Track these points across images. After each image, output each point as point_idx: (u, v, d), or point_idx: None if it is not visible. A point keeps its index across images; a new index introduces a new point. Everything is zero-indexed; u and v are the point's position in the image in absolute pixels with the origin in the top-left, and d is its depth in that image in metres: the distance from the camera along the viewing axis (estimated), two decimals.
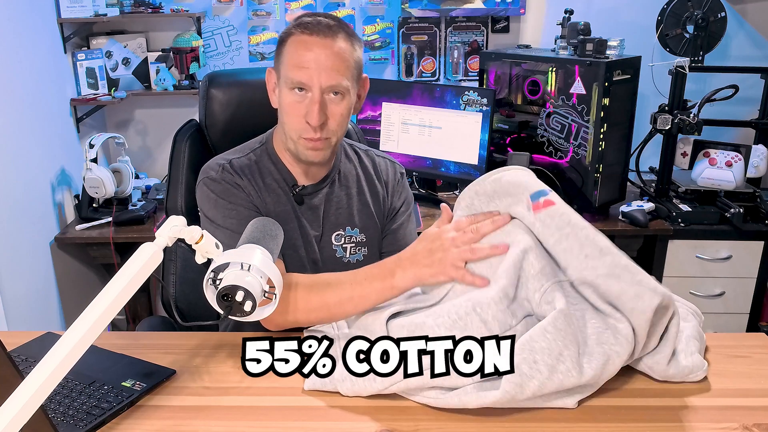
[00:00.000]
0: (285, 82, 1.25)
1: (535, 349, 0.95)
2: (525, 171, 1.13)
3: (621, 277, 0.99)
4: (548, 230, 1.04)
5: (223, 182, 1.30)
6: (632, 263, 1.01)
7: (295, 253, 1.35)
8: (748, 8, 2.78)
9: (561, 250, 1.03)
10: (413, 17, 2.82)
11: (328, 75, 1.21)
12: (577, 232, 1.02)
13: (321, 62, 1.20)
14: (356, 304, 1.14)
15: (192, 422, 1.00)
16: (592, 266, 1.00)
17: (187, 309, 1.56)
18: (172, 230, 0.91)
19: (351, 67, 1.24)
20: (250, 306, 0.92)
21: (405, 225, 1.47)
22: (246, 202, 1.30)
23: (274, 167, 1.36)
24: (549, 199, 1.06)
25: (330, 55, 1.21)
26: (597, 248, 1.01)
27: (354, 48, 1.25)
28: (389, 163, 1.49)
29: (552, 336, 0.96)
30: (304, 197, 1.36)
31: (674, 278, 2.46)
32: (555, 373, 0.96)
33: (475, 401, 0.97)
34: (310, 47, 1.21)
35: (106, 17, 2.61)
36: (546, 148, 2.45)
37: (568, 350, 0.96)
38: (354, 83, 1.27)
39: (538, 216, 1.05)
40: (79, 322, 0.78)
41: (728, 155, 2.46)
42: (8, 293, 2.16)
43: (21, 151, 2.28)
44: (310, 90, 1.22)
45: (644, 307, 0.98)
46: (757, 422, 0.98)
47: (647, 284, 0.99)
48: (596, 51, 2.27)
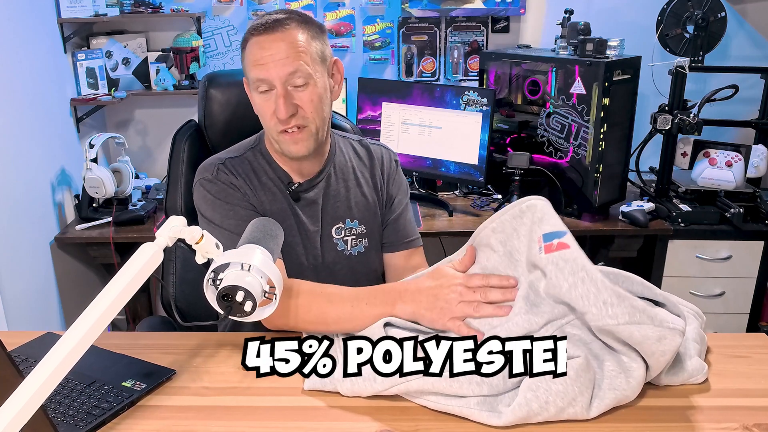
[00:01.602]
0: (252, 85, 1.27)
1: (551, 390, 0.95)
2: (543, 204, 1.09)
3: (642, 322, 0.95)
4: (562, 274, 0.99)
5: (219, 182, 1.31)
6: (642, 303, 0.98)
7: (292, 251, 1.35)
8: (748, 8, 2.78)
9: (577, 296, 0.98)
10: (413, 17, 2.82)
11: (284, 64, 1.22)
12: (592, 276, 0.98)
13: (276, 56, 1.22)
14: (354, 324, 1.14)
15: (192, 422, 1.00)
16: (612, 314, 0.96)
17: (187, 309, 1.56)
18: (173, 230, 0.91)
19: (309, 52, 1.24)
20: (250, 306, 0.92)
21: (404, 214, 1.48)
22: (243, 202, 1.31)
23: (269, 166, 1.36)
24: (563, 242, 1.02)
25: (283, 46, 1.22)
26: (615, 294, 0.97)
27: (310, 34, 1.26)
28: (384, 150, 1.49)
29: (570, 381, 0.95)
30: (300, 194, 1.36)
31: (674, 278, 2.46)
32: (563, 413, 0.96)
33: (477, 417, 0.97)
34: (264, 45, 1.23)
35: (106, 17, 2.61)
36: (546, 148, 2.45)
37: (582, 396, 0.96)
38: (317, 67, 1.26)
39: (551, 258, 1.01)
40: (79, 322, 0.78)
41: (728, 155, 2.46)
42: (8, 293, 2.16)
43: (21, 151, 2.28)
44: (272, 86, 1.24)
45: (665, 349, 0.97)
46: (758, 422, 0.98)
47: (666, 323, 0.97)
48: (596, 51, 2.27)
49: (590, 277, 0.98)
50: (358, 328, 1.14)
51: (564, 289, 0.99)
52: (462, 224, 2.42)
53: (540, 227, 1.05)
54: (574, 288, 0.98)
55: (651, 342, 0.96)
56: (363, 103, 2.63)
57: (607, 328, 0.97)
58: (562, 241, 1.02)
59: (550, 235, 1.03)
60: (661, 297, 1.06)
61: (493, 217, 1.12)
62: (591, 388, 0.97)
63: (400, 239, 1.47)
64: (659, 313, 0.97)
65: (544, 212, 1.07)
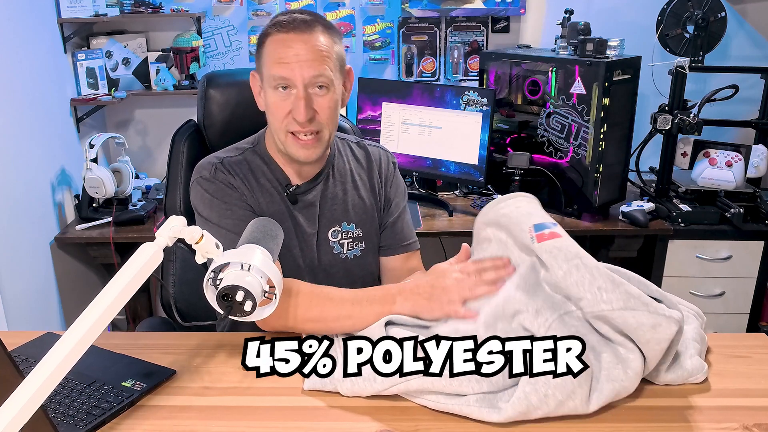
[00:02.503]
0: (268, 82, 1.25)
1: (550, 383, 0.95)
2: (529, 200, 1.12)
3: (636, 308, 0.97)
4: (556, 262, 1.01)
5: (217, 182, 1.31)
6: (638, 290, 0.99)
7: (289, 253, 1.35)
8: (748, 8, 2.78)
9: (572, 283, 0.99)
10: (413, 17, 2.82)
11: (310, 66, 1.21)
12: (586, 262, 1.00)
13: (301, 56, 1.21)
14: (354, 323, 1.15)
15: (192, 422, 1.01)
16: (606, 300, 0.97)
17: (186, 309, 1.56)
18: (172, 230, 0.91)
19: (332, 58, 1.24)
20: (250, 306, 0.92)
21: (402, 217, 1.47)
22: (240, 202, 1.31)
23: (267, 167, 1.36)
24: (554, 232, 1.04)
25: (309, 48, 1.21)
26: (609, 280, 0.98)
27: (333, 40, 1.26)
28: (382, 152, 1.49)
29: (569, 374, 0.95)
30: (297, 196, 1.36)
31: (674, 278, 2.46)
32: (562, 407, 0.96)
33: (476, 414, 0.97)
34: (289, 44, 1.21)
35: (106, 17, 2.61)
36: (546, 148, 2.45)
37: (581, 389, 0.96)
38: (337, 74, 1.27)
39: (544, 246, 1.03)
40: (79, 322, 0.78)
41: (728, 155, 2.46)
42: (8, 293, 2.16)
43: (21, 151, 2.28)
44: (294, 86, 1.23)
45: (660, 337, 0.97)
46: (758, 422, 0.98)
47: (662, 312, 0.97)
48: (596, 51, 2.27)
49: (585, 264, 0.99)
50: (358, 327, 1.14)
51: (559, 276, 1.00)
52: (462, 224, 2.42)
53: (529, 219, 1.07)
54: (568, 275, 0.99)
55: (646, 329, 0.97)
56: (363, 103, 2.63)
57: (602, 314, 0.98)
58: (552, 231, 1.05)
59: (541, 226, 1.05)
60: (659, 295, 1.07)
61: (485, 212, 1.15)
62: (589, 380, 0.97)
63: (397, 242, 1.46)
64: (656, 304, 0.98)
65: (531, 207, 1.10)
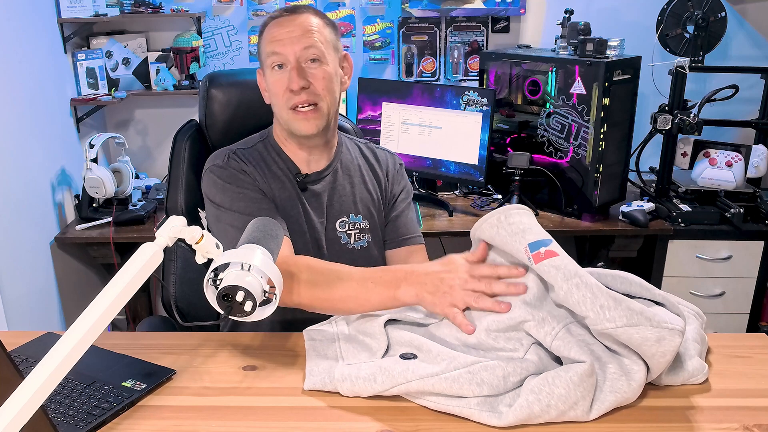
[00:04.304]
0: (266, 64, 1.34)
1: (553, 394, 0.94)
2: (525, 214, 1.08)
3: (640, 324, 0.95)
4: (555, 282, 0.99)
5: (230, 168, 1.35)
6: (639, 305, 0.97)
7: (300, 239, 1.38)
8: (748, 8, 2.78)
9: (574, 303, 0.98)
10: (413, 17, 2.82)
11: (299, 41, 1.30)
12: (586, 281, 0.98)
13: (293, 34, 1.31)
14: (359, 303, 1.15)
15: (192, 422, 1.00)
16: (610, 318, 0.96)
17: (187, 309, 1.56)
18: (173, 230, 0.91)
19: (323, 35, 1.33)
20: (250, 306, 0.92)
21: (405, 212, 1.51)
22: (253, 187, 1.34)
23: (278, 156, 1.41)
24: (550, 250, 1.02)
25: (299, 25, 1.32)
26: (611, 298, 0.96)
27: (324, 23, 1.35)
28: (388, 154, 1.55)
29: (573, 386, 0.95)
30: (307, 185, 1.40)
31: (674, 278, 2.46)
32: (563, 416, 0.96)
33: (477, 417, 0.97)
34: (282, 24, 1.33)
35: (106, 17, 2.61)
36: (546, 148, 2.45)
37: (584, 400, 0.96)
38: (330, 50, 1.34)
39: (540, 267, 1.01)
40: (79, 322, 0.78)
41: (728, 155, 2.46)
42: (8, 293, 2.16)
43: (21, 151, 2.28)
44: (288, 62, 1.31)
45: (665, 350, 0.97)
46: (758, 422, 0.98)
47: (664, 324, 0.96)
48: (596, 51, 2.27)
49: (585, 283, 0.98)
50: (362, 309, 1.15)
51: (560, 297, 0.99)
52: (462, 224, 2.42)
53: (524, 237, 1.04)
54: (569, 295, 0.98)
55: (650, 344, 0.96)
56: (363, 103, 2.63)
57: (606, 332, 0.97)
58: (549, 249, 1.02)
59: (536, 244, 1.02)
60: (660, 297, 1.07)
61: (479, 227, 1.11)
62: (593, 392, 0.97)
63: (400, 236, 1.49)
64: (657, 314, 0.97)
65: (524, 223, 1.06)
